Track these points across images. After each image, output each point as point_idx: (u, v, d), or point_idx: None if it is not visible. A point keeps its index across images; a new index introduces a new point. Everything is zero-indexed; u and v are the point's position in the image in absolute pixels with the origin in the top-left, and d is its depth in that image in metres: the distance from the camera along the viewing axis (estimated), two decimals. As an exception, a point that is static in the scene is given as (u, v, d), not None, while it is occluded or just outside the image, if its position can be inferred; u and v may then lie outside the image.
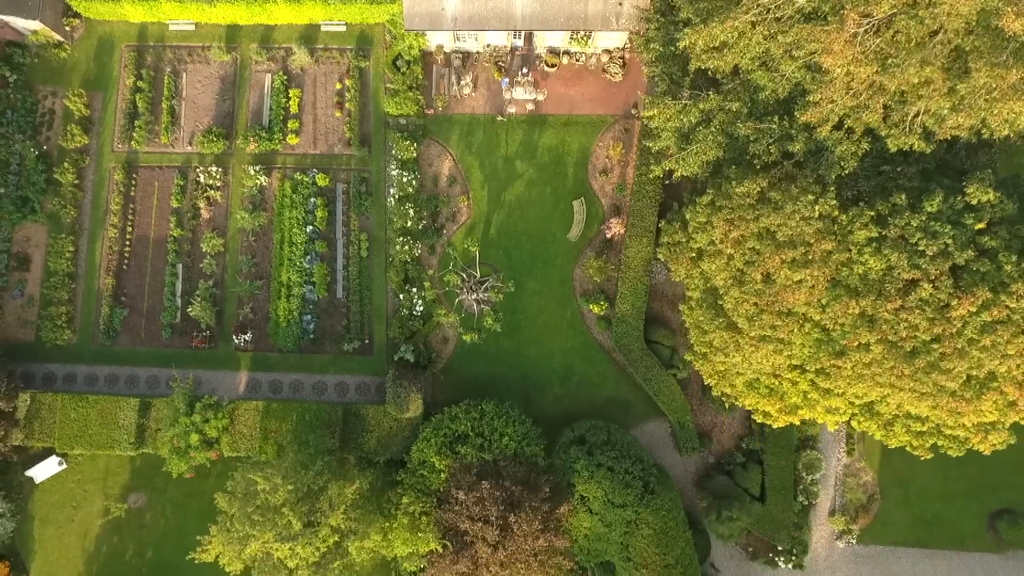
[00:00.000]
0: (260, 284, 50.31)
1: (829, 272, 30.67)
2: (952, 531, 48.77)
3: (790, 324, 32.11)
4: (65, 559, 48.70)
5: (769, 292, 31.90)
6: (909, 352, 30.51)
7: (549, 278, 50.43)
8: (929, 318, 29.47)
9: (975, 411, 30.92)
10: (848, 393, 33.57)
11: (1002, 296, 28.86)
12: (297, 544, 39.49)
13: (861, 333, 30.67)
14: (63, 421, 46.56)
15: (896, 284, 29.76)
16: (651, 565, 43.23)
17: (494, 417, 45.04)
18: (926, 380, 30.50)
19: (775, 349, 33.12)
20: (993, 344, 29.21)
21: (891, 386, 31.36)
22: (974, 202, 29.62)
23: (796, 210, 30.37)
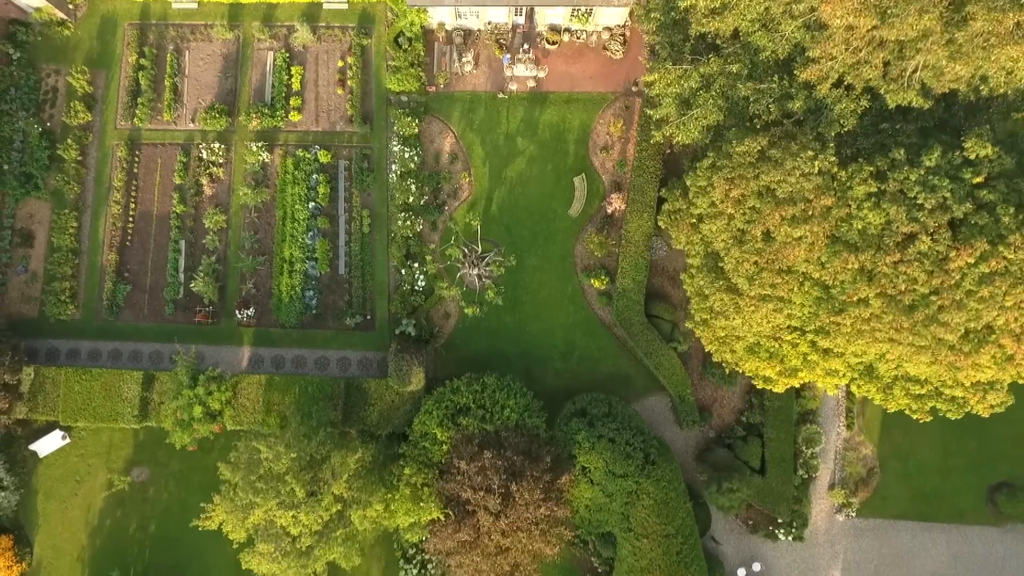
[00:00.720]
0: (263, 260, 50.57)
1: (828, 227, 30.92)
2: (951, 505, 49.00)
3: (790, 282, 32.35)
4: (69, 533, 48.93)
5: (769, 250, 32.15)
6: (908, 306, 30.74)
7: (550, 254, 50.67)
8: (927, 271, 29.71)
9: (973, 365, 31.15)
10: (847, 352, 33.80)
11: (1000, 247, 29.12)
12: (300, 512, 39.72)
13: (860, 288, 30.89)
14: (67, 394, 46.79)
15: (895, 238, 30.02)
16: (652, 535, 43.47)
17: (496, 389, 45.27)
18: (924, 333, 30.74)
19: (775, 308, 33.34)
20: (991, 295, 29.44)
21: (890, 340, 31.57)
22: (972, 157, 29.89)
23: (796, 166, 30.61)
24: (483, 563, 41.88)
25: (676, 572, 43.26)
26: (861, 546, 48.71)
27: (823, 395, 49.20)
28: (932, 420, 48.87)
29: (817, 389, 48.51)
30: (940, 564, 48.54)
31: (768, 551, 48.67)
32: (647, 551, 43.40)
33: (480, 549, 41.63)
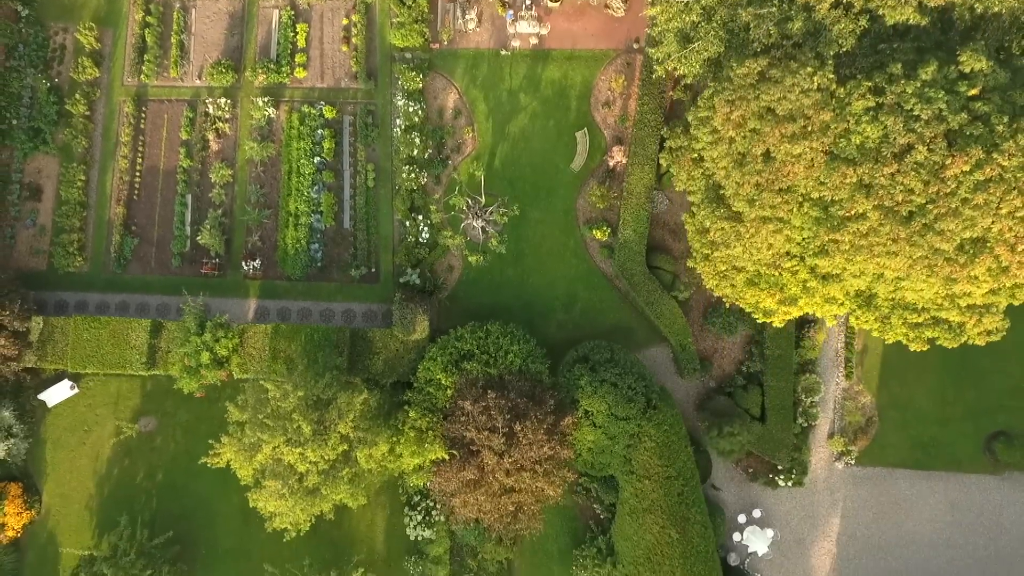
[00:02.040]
0: (268, 213, 51.18)
1: (827, 143, 31.53)
2: (949, 453, 49.59)
3: (789, 202, 32.98)
4: (77, 481, 49.52)
5: (769, 170, 32.76)
6: (905, 216, 31.38)
7: (552, 208, 51.28)
8: (924, 180, 30.32)
9: (969, 278, 31.73)
10: (846, 273, 34.38)
11: (994, 155, 29.74)
12: (307, 449, 40.32)
13: (858, 201, 31.50)
14: (76, 342, 47.38)
15: (892, 149, 30.62)
16: (653, 476, 44.09)
17: (499, 336, 45.90)
18: (921, 243, 31.34)
19: (775, 229, 33.95)
20: (986, 202, 30.06)
21: (888, 254, 32.12)
22: (967, 70, 30.51)
23: (796, 83, 31.24)
24: (487, 503, 42.51)
25: (678, 513, 43.86)
26: (860, 494, 49.32)
27: (822, 345, 49.84)
28: (930, 370, 49.97)
29: (816, 339, 49.16)
30: (938, 511, 49.14)
31: (768, 498, 49.28)
32: (649, 492, 44.01)
33: (484, 488, 42.27)
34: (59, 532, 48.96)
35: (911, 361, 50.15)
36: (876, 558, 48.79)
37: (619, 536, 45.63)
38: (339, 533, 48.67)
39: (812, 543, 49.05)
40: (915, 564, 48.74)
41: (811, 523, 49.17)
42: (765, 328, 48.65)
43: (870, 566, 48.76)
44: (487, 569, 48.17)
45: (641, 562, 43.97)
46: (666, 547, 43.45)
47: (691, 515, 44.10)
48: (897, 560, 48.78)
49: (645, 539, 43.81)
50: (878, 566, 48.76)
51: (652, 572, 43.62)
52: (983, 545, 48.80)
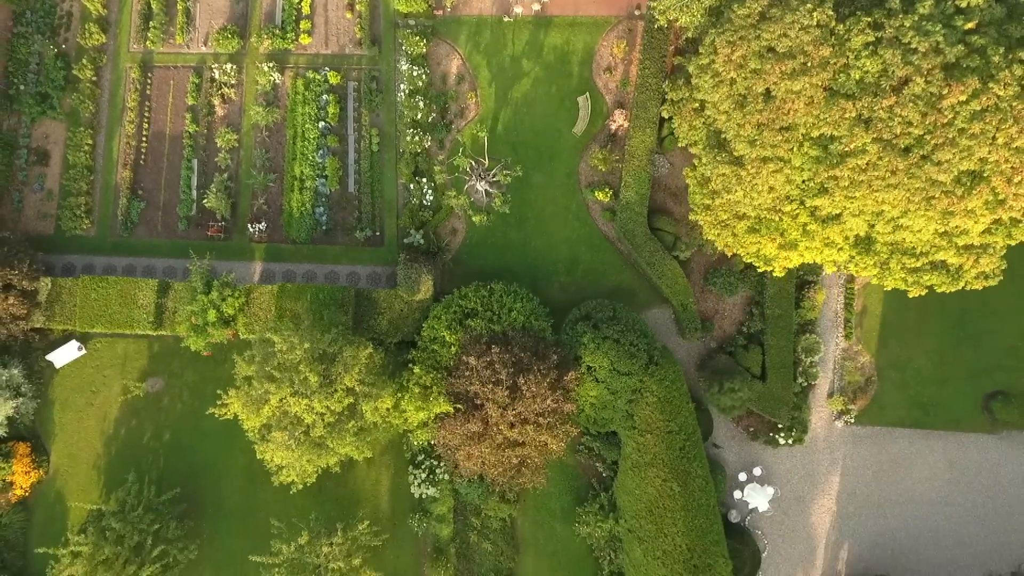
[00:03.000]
0: (273, 177, 51.69)
1: (826, 79, 32.10)
2: (947, 413, 50.14)
3: (790, 140, 33.53)
4: (84, 441, 50.01)
5: (770, 109, 33.30)
6: (903, 149, 31.94)
7: (555, 172, 51.81)
8: (922, 112, 30.87)
9: (966, 212, 32.26)
10: (846, 214, 34.90)
11: (990, 85, 30.30)
12: (313, 400, 40.80)
13: (857, 135, 32.04)
14: (84, 302, 47.86)
15: (890, 82, 31.19)
16: (655, 431, 44.63)
17: (503, 295, 46.46)
18: (919, 175, 31.87)
19: (775, 169, 34.47)
20: (982, 132, 30.59)
21: (887, 187, 32.62)
22: (964, 5, 31.04)
23: (795, 20, 31.79)
24: (491, 456, 43.03)
25: (679, 467, 44.40)
26: (859, 452, 49.86)
27: (822, 306, 50.38)
28: (929, 331, 50.55)
29: (816, 300, 49.68)
30: (937, 470, 49.70)
31: (768, 457, 49.83)
32: (651, 446, 44.55)
33: (488, 441, 42.77)
34: (67, 491, 49.42)
35: (910, 322, 50.81)
36: (875, 515, 49.35)
37: (621, 491, 46.16)
38: (344, 492, 49.18)
39: (812, 501, 49.59)
40: (914, 521, 49.30)
41: (811, 481, 49.72)
42: (765, 289, 49.28)
43: (869, 523, 49.32)
44: (490, 527, 48.69)
45: (643, 515, 44.50)
46: (668, 500, 43.98)
47: (692, 469, 44.64)
48: (896, 517, 49.33)
49: (647, 493, 44.34)
50: (877, 523, 49.31)
51: (654, 525, 44.14)
52: (981, 503, 49.36)
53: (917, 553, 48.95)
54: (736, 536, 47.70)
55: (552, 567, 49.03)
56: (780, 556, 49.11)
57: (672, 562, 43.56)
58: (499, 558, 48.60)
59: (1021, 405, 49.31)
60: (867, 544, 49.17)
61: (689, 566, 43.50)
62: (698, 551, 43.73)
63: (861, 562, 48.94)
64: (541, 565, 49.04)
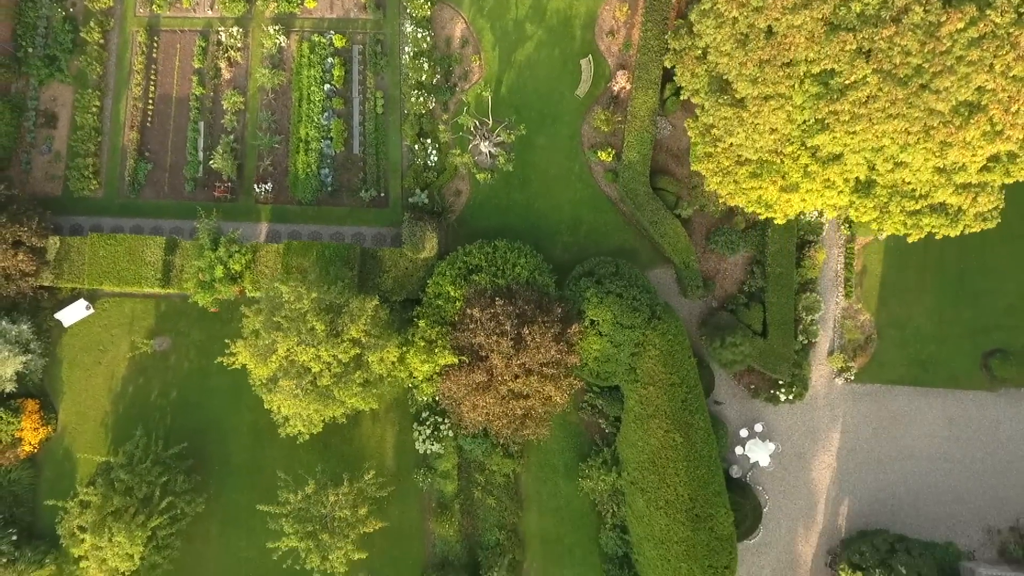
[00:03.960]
0: (280, 139, 52.21)
1: (827, 12, 32.63)
2: (946, 370, 50.67)
3: (791, 77, 34.09)
4: (92, 399, 50.53)
5: (771, 45, 33.81)
6: (902, 78, 32.49)
7: (558, 134, 52.33)
8: (920, 40, 31.37)
9: (963, 143, 32.78)
10: (847, 152, 35.39)
11: (987, 11, 30.85)
12: (320, 349, 41.31)
13: (858, 67, 32.58)
14: (92, 259, 48.37)
15: (890, 11, 31.72)
16: (658, 383, 45.15)
17: (507, 251, 46.96)
18: (918, 103, 32.38)
19: (777, 106, 35.01)
20: (980, 59, 31.16)
21: (888, 118, 33.06)
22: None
23: (797, -46, 32.47)
24: (496, 407, 43.55)
25: (681, 419, 44.92)
26: (859, 409, 50.38)
27: (822, 265, 50.88)
28: (928, 290, 51.09)
29: (816, 259, 50.18)
30: (936, 427, 50.22)
31: (769, 414, 50.36)
32: (653, 399, 45.07)
33: (493, 392, 43.30)
34: (75, 448, 49.93)
35: (910, 282, 51.36)
36: (875, 471, 49.88)
37: (624, 444, 46.68)
38: (349, 449, 49.73)
39: (812, 457, 50.12)
40: (913, 477, 49.82)
41: (811, 438, 50.25)
42: (766, 247, 49.81)
43: (869, 479, 49.85)
44: (494, 483, 49.21)
45: (646, 466, 45.03)
46: (670, 451, 44.50)
47: (694, 421, 45.16)
48: (896, 473, 49.86)
49: (650, 444, 44.87)
50: (877, 479, 49.83)
51: (656, 476, 44.67)
52: (980, 459, 49.88)
53: (917, 508, 49.47)
54: (738, 491, 48.23)
55: (556, 522, 49.56)
56: (781, 512, 49.63)
57: (674, 511, 44.09)
58: (503, 513, 49.13)
59: (1019, 363, 49.86)
60: (867, 499, 49.71)
61: (691, 515, 44.04)
62: (700, 501, 44.26)
63: (861, 517, 49.46)
64: (545, 520, 49.57)
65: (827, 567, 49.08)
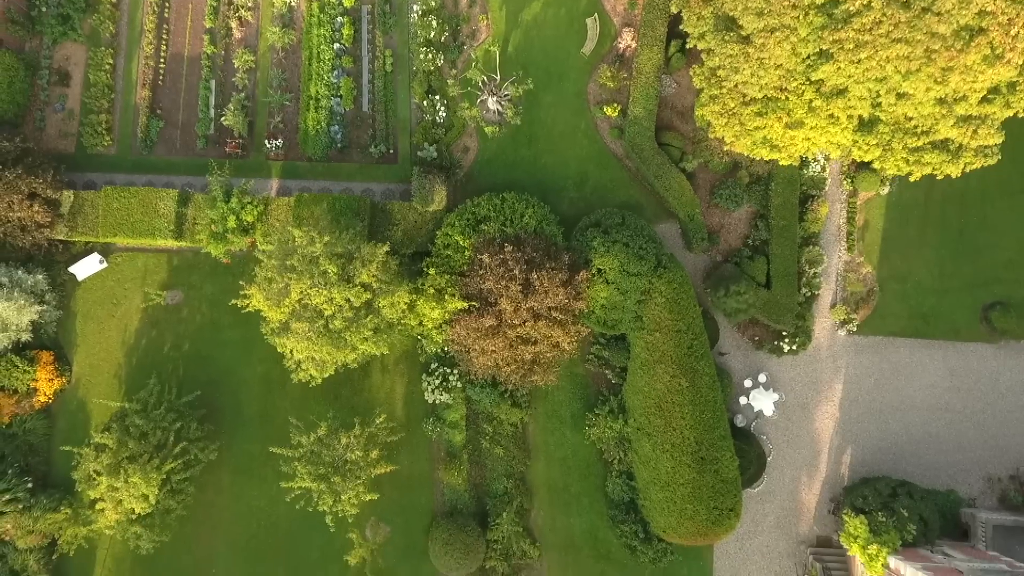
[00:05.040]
0: (290, 96, 52.97)
1: None
2: (947, 323, 51.50)
3: (797, 7, 34.88)
4: (105, 352, 51.21)
5: (777, -26, 34.80)
6: (906, 1, 33.28)
7: (564, 91, 53.11)
8: None
9: (964, 68, 33.55)
10: (850, 83, 36.16)
11: None
12: (333, 291, 42.02)
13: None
14: (106, 211, 49.06)
15: None
16: (664, 329, 45.90)
17: (515, 202, 47.72)
18: (920, 26, 33.13)
19: (782, 37, 35.76)
20: None
21: (891, 42, 33.75)
22: None
23: None
24: (504, 351, 44.30)
25: (687, 364, 45.66)
26: (862, 361, 51.16)
27: (824, 219, 51.68)
28: (929, 245, 51.96)
29: (819, 212, 51.00)
30: (937, 378, 51.01)
31: (773, 365, 51.13)
32: (659, 344, 45.81)
33: (502, 336, 44.05)
34: (89, 400, 50.56)
35: (911, 236, 52.21)
36: (877, 421, 50.65)
37: (631, 391, 47.44)
38: (359, 399, 50.40)
39: (815, 408, 50.90)
40: (915, 427, 50.60)
41: (814, 389, 51.03)
42: (770, 200, 50.60)
43: (871, 429, 50.62)
44: (502, 433, 49.93)
45: (652, 411, 45.77)
46: (676, 395, 45.26)
47: (700, 367, 45.90)
48: (898, 423, 50.63)
49: (656, 389, 45.61)
50: (879, 429, 50.61)
51: (662, 420, 45.42)
52: (980, 409, 50.68)
53: (918, 457, 50.25)
54: (742, 439, 49.01)
55: (563, 471, 50.30)
56: (785, 460, 50.40)
57: (680, 454, 44.84)
58: (511, 463, 49.88)
59: (1019, 315, 50.72)
60: (869, 449, 50.48)
61: (696, 458, 44.79)
62: (705, 444, 45.01)
63: (864, 466, 50.23)
64: (552, 470, 50.32)
65: (830, 514, 49.86)
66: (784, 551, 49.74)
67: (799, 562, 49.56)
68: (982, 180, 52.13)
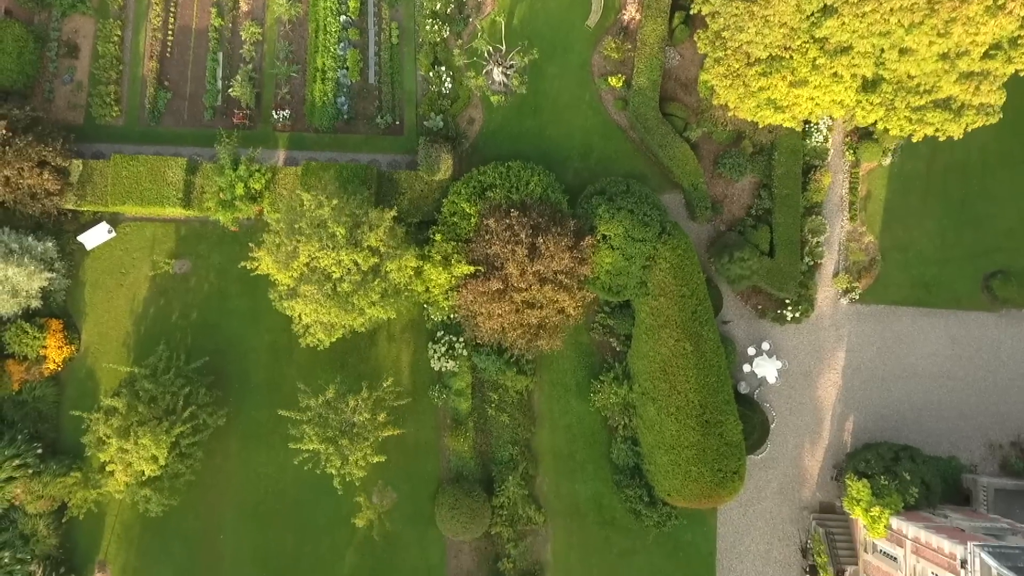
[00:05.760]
0: (297, 68, 53.38)
1: None
2: (949, 291, 51.97)
3: None
4: (114, 320, 51.60)
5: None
6: None
7: (569, 63, 53.54)
8: None
9: (966, 19, 33.91)
10: (853, 39, 36.50)
11: None
12: (341, 253, 42.43)
13: None
14: (115, 179, 49.47)
15: None
16: (668, 294, 46.34)
17: (520, 170, 48.16)
18: None
19: None
20: None
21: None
22: None
23: None
24: (511, 316, 44.72)
25: (691, 328, 46.13)
26: (864, 329, 51.60)
27: (827, 189, 52.09)
28: (931, 214, 52.40)
29: (822, 182, 51.41)
30: (939, 346, 51.46)
31: (776, 334, 51.57)
32: (664, 309, 46.26)
33: (508, 300, 44.47)
34: (97, 368, 50.95)
35: (913, 206, 52.67)
36: (880, 389, 51.10)
37: (635, 357, 47.85)
38: (366, 367, 50.74)
39: (818, 375, 51.34)
40: (917, 394, 51.04)
41: (817, 357, 51.46)
42: (773, 170, 51.03)
43: (874, 396, 51.06)
44: (508, 400, 50.31)
45: (657, 376, 46.19)
46: (680, 359, 45.70)
47: (704, 332, 46.35)
48: (900, 391, 51.08)
49: (661, 353, 46.04)
50: (882, 396, 51.05)
51: (667, 384, 45.84)
52: (982, 377, 51.13)
53: (920, 424, 50.68)
54: (746, 406, 49.40)
55: (568, 439, 50.71)
56: (788, 428, 50.81)
57: (685, 417, 45.28)
58: (516, 430, 50.29)
59: (1020, 283, 51.22)
60: (872, 416, 50.92)
61: (701, 421, 45.23)
62: (710, 407, 45.45)
63: (866, 433, 50.65)
64: (557, 437, 50.73)
65: (832, 480, 50.28)
66: (787, 517, 50.16)
67: (802, 527, 49.99)
68: (983, 151, 52.82)
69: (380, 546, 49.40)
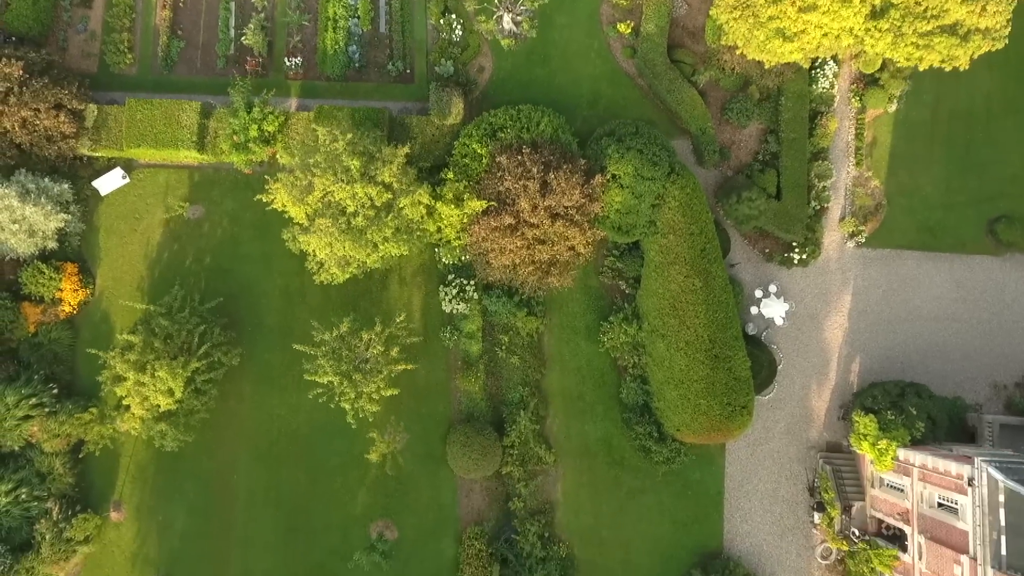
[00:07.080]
0: (308, 16, 53.97)
1: None
2: (953, 236, 52.63)
3: None
4: (128, 265, 52.13)
5: None
6: None
7: (577, 12, 54.14)
8: None
9: None
10: None
11: None
12: (356, 186, 43.04)
13: None
14: (130, 123, 50.02)
15: None
16: (677, 231, 46.96)
17: (531, 112, 48.74)
18: None
19: None
20: None
21: None
22: None
23: None
24: (522, 251, 45.31)
25: (700, 266, 46.73)
26: (870, 273, 52.21)
27: (833, 135, 52.72)
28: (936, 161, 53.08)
29: (828, 127, 52.06)
30: (944, 289, 52.09)
31: (783, 277, 52.16)
32: (673, 247, 46.87)
33: (520, 235, 45.06)
34: (112, 312, 51.47)
35: (918, 152, 53.34)
36: (886, 331, 51.72)
37: (645, 295, 48.46)
38: (377, 310, 51.00)
39: (825, 318, 51.95)
40: (922, 337, 51.68)
41: (823, 300, 52.07)
42: (780, 115, 51.64)
43: (880, 338, 51.69)
44: (518, 342, 50.90)
45: (666, 312, 46.79)
46: (690, 295, 46.31)
47: (712, 270, 46.97)
48: (905, 333, 51.71)
49: (670, 289, 46.64)
50: (887, 338, 51.69)
51: (676, 319, 46.45)
52: (986, 319, 51.78)
53: (926, 366, 51.30)
54: (754, 346, 49.97)
55: (577, 381, 51.30)
56: (795, 369, 51.43)
57: (694, 351, 45.89)
58: (527, 371, 50.87)
59: (1023, 227, 51.72)
60: (878, 358, 51.54)
61: (710, 355, 45.84)
62: (719, 342, 46.06)
63: (872, 374, 51.26)
64: (567, 379, 51.31)
65: (839, 420, 50.90)
66: (794, 456, 50.78)
67: (809, 466, 50.62)
68: (988, 99, 53.53)
69: (392, 485, 50.01)
